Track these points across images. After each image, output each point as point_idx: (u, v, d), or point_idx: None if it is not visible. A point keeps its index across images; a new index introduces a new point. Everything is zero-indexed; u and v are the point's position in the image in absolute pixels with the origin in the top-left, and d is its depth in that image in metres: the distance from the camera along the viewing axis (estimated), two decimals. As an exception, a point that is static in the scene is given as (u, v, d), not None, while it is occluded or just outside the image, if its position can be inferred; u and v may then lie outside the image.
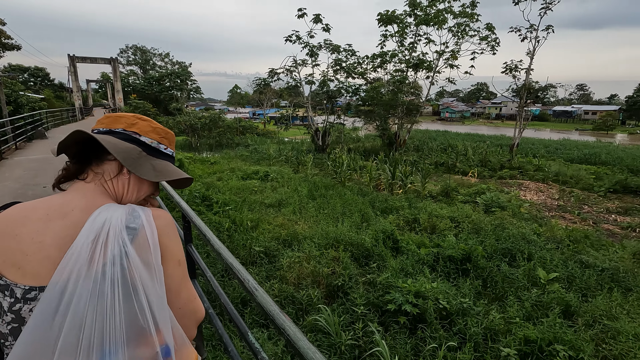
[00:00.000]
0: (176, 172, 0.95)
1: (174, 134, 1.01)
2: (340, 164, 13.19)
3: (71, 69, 18.41)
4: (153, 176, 0.89)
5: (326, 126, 19.47)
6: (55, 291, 0.69)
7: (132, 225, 0.78)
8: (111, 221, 0.77)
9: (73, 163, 0.90)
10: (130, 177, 0.90)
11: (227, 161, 17.83)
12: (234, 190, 11.14)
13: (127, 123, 0.91)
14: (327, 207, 9.45)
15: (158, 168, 0.92)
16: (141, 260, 0.76)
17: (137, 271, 0.75)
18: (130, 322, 0.73)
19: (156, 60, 49.96)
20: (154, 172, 0.90)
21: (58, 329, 0.68)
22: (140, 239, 0.78)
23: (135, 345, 0.73)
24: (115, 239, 0.75)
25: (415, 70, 21.26)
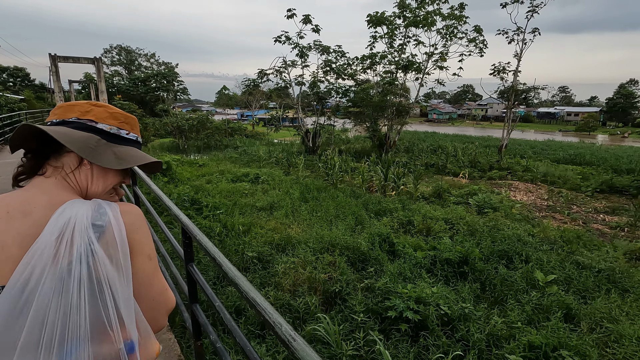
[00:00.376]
0: (141, 157, 0.91)
1: (135, 118, 0.95)
2: (332, 166, 13.05)
3: (52, 68, 17.76)
4: (116, 164, 0.85)
5: (316, 128, 19.32)
6: (16, 289, 0.68)
7: (98, 223, 0.77)
8: (76, 218, 0.75)
9: (29, 159, 0.86)
10: (92, 167, 0.87)
11: (216, 163, 17.50)
12: (224, 193, 10.88)
13: (80, 111, 0.86)
14: (320, 210, 9.29)
15: (121, 155, 0.87)
16: (108, 258, 0.76)
17: (104, 269, 0.74)
18: (94, 320, 0.72)
19: (141, 60, 49.00)
20: (116, 159, 0.86)
21: (19, 327, 0.67)
22: (107, 236, 0.77)
23: (99, 342, 0.73)
24: (81, 237, 0.73)
25: (404, 71, 21.33)
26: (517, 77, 17.37)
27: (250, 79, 19.30)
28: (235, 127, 28.24)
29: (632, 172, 17.34)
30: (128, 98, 30.32)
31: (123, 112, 0.93)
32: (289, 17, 18.00)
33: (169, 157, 16.40)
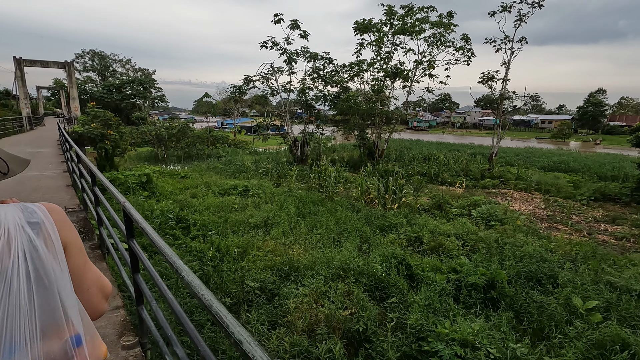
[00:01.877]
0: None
1: None
2: (327, 177, 12.38)
3: (18, 73, 16.26)
4: None
5: (305, 136, 18.64)
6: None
7: (33, 220, 0.78)
8: (7, 219, 0.75)
9: None
10: None
11: (199, 174, 16.47)
12: (212, 209, 9.98)
13: None
14: (320, 227, 8.57)
15: None
16: (49, 253, 0.77)
17: (48, 263, 0.75)
18: (43, 315, 0.73)
19: (116, 66, 46.95)
20: None
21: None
22: (44, 232, 0.78)
23: (49, 337, 0.73)
24: (19, 235, 0.74)
25: (392, 79, 21.07)
26: (506, 85, 17.41)
27: (236, 86, 18.45)
28: (218, 135, 27.12)
29: (617, 178, 17.61)
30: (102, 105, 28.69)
31: None
32: (276, 22, 17.37)
33: (148, 168, 15.26)
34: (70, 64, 18.26)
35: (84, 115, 15.66)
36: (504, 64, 17.65)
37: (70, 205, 5.63)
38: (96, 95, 36.88)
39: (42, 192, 6.48)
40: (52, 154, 11.53)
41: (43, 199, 5.77)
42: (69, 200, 6.01)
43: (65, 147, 10.17)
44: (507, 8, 16.78)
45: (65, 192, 6.66)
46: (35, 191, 6.52)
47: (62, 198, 6.09)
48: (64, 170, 8.57)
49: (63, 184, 7.31)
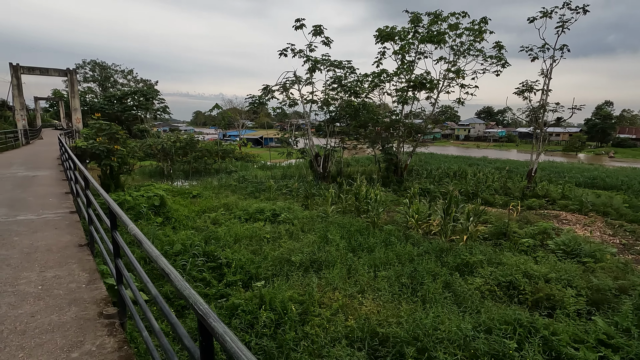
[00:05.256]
0: None
1: None
2: (366, 198, 10.80)
3: (14, 81, 14.71)
4: None
5: (328, 151, 17.10)
6: None
7: None
8: None
9: None
10: None
11: (212, 193, 14.84)
12: (243, 241, 8.34)
13: None
14: (383, 267, 6.95)
15: None
16: None
17: None
18: None
19: (118, 77, 45.62)
20: None
21: None
22: None
23: None
24: None
25: (416, 89, 19.71)
26: (547, 95, 16.08)
27: (256, 96, 16.98)
28: (227, 149, 25.53)
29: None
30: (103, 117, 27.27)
31: None
32: (297, 27, 16.03)
33: (157, 187, 13.61)
34: (73, 72, 16.79)
35: (87, 128, 14.07)
36: (543, 73, 16.38)
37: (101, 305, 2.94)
38: (96, 107, 35.39)
39: (39, 267, 3.60)
40: (52, 180, 9.35)
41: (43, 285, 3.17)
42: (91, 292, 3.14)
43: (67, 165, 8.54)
44: (547, 14, 15.58)
45: (79, 263, 3.70)
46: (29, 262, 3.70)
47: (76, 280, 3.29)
48: (71, 210, 6.12)
49: (72, 239, 4.52)
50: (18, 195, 7.13)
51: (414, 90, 19.62)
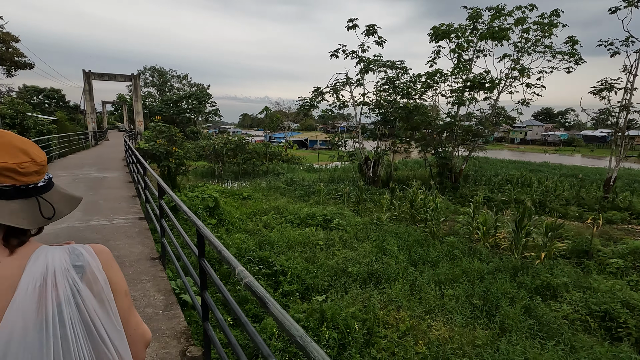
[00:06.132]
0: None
1: None
2: (424, 205, 10.13)
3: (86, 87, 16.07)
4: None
5: (378, 155, 16.53)
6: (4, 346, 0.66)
7: (78, 264, 0.77)
8: (54, 263, 0.75)
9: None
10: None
11: (262, 195, 14.91)
12: (297, 247, 8.12)
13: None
14: (449, 284, 6.34)
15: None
16: (94, 296, 0.76)
17: (92, 306, 0.74)
18: (95, 353, 0.73)
19: (174, 82, 48.41)
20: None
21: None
22: (89, 275, 0.77)
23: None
24: (64, 279, 0.73)
25: (473, 90, 18.47)
26: (630, 95, 14.22)
27: (306, 99, 16.93)
28: (275, 151, 25.82)
29: None
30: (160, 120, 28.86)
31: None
32: (349, 28, 15.70)
33: (211, 188, 13.94)
34: (137, 77, 17.92)
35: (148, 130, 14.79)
36: (625, 70, 14.50)
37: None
38: (155, 110, 37.68)
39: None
40: (119, 182, 9.82)
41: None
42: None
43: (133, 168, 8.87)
44: (633, 3, 13.77)
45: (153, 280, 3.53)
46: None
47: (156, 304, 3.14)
48: (139, 215, 6.14)
49: (144, 251, 4.40)
50: (91, 198, 7.45)
51: (471, 91, 18.44)
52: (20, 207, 0.74)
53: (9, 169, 0.72)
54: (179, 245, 3.45)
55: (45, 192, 0.79)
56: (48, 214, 0.77)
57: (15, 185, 0.74)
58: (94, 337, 0.74)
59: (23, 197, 0.75)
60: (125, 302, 0.86)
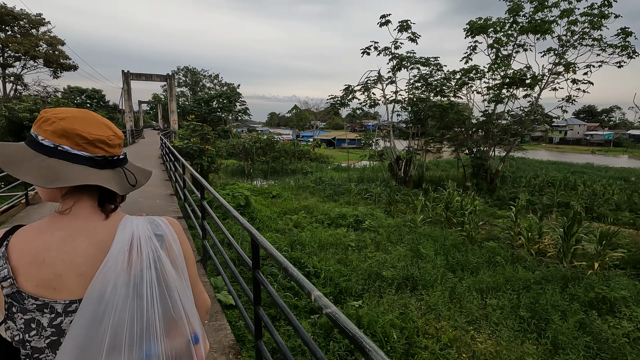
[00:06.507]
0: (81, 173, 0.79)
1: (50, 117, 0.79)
2: (461, 208, 9.69)
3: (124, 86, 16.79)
4: (35, 179, 0.76)
5: (410, 154, 16.06)
6: (93, 300, 0.73)
7: (158, 233, 0.85)
8: (138, 231, 0.82)
9: None
10: None
11: (291, 194, 14.88)
12: (328, 248, 7.97)
13: None
14: (492, 293, 5.95)
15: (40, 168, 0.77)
16: (170, 262, 0.83)
17: (169, 272, 0.81)
18: (166, 317, 0.79)
19: (206, 82, 49.69)
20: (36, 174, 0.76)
21: (103, 332, 0.72)
22: (167, 243, 0.85)
23: (173, 335, 0.80)
24: (147, 245, 0.81)
25: (516, 87, 17.53)
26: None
27: (337, 97, 16.74)
28: (304, 150, 25.83)
29: None
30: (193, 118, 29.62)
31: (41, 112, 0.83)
32: (382, 24, 15.34)
33: (242, 186, 14.06)
34: (172, 77, 18.45)
35: (182, 129, 15.16)
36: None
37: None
38: (187, 109, 38.78)
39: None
40: (157, 179, 9.86)
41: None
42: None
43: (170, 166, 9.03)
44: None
45: None
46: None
47: None
48: (178, 215, 6.23)
49: None
50: (131, 195, 7.64)
51: (509, 88, 17.54)
52: (111, 175, 0.84)
53: (101, 141, 0.81)
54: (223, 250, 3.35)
55: (125, 164, 0.89)
56: (132, 182, 0.87)
57: (105, 155, 0.83)
58: (166, 300, 0.80)
59: (111, 168, 0.85)
60: (193, 271, 0.94)
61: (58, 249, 0.77)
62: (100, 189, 0.83)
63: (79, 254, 0.78)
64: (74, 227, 0.80)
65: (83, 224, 0.81)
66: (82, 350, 0.72)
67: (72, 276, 0.76)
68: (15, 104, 17.93)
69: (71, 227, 0.80)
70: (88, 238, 0.80)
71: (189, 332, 0.83)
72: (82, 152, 0.80)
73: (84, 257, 0.78)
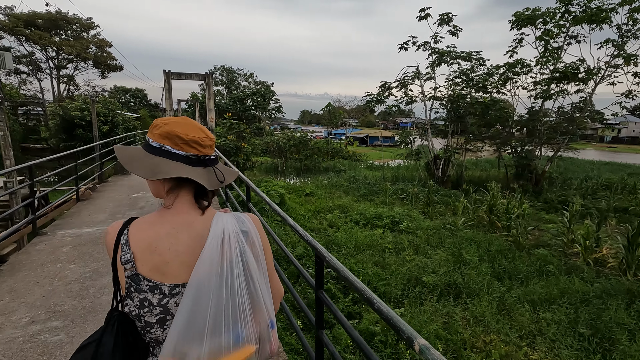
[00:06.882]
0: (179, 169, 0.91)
1: (158, 123, 0.95)
2: (507, 211, 9.11)
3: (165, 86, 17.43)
4: (143, 173, 0.90)
5: (449, 153, 15.38)
6: (194, 286, 0.83)
7: (244, 229, 0.94)
8: (228, 227, 0.91)
9: None
10: None
11: (325, 193, 14.76)
12: (365, 250, 7.75)
13: None
14: (545, 305, 5.49)
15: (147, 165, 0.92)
16: (253, 256, 0.93)
17: (252, 264, 0.91)
18: (252, 303, 0.89)
19: (241, 80, 50.69)
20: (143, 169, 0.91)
21: (204, 314, 0.83)
22: (251, 239, 0.94)
23: (256, 320, 0.90)
24: (235, 240, 0.90)
25: (562, 81, 16.31)
26: None
27: (374, 94, 16.36)
28: (337, 147, 25.64)
29: None
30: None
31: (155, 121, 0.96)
32: (421, 18, 14.76)
33: (276, 184, 14.13)
34: (210, 75, 18.88)
35: (219, 127, 15.47)
36: None
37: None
38: (223, 107, 39.77)
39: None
40: None
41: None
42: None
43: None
44: None
45: None
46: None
47: None
48: None
49: None
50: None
51: (559, 83, 16.33)
52: (203, 172, 0.93)
53: (195, 141, 0.92)
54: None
55: (215, 164, 0.99)
56: (220, 179, 0.95)
57: (198, 155, 0.93)
58: (251, 290, 0.89)
59: (203, 166, 0.94)
60: (271, 263, 1.02)
61: (166, 239, 0.89)
62: (195, 186, 0.94)
63: (182, 244, 0.89)
64: (177, 221, 0.92)
65: (184, 218, 0.93)
66: (188, 325, 0.82)
67: (176, 263, 0.88)
68: (68, 103, 19.16)
69: (175, 221, 0.92)
70: (188, 231, 0.91)
71: (267, 318, 0.93)
72: (179, 151, 0.92)
73: (185, 247, 0.89)
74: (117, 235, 0.91)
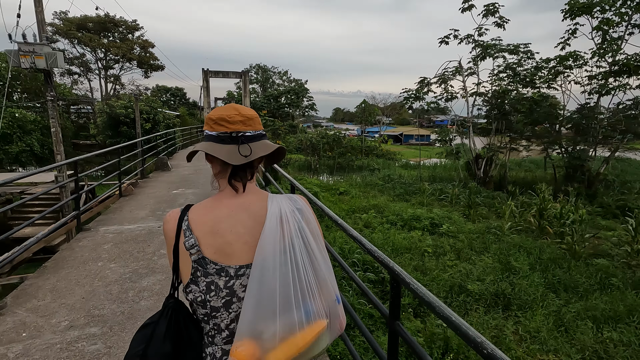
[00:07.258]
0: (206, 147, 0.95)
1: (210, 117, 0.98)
2: (561, 217, 8.39)
3: (204, 84, 17.92)
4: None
5: (492, 152, 14.52)
6: (261, 265, 0.85)
7: (298, 207, 0.96)
8: (283, 206, 0.93)
9: None
10: None
11: (359, 192, 14.46)
12: (403, 253, 7.42)
13: None
14: (609, 322, 4.92)
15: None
16: (310, 232, 0.93)
17: (310, 241, 0.92)
18: (317, 277, 0.90)
19: (275, 78, 51.30)
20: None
21: (273, 292, 0.84)
22: (305, 216, 0.95)
23: (323, 294, 0.90)
24: (292, 217, 0.92)
25: (622, 75, 14.87)
26: None
27: (412, 90, 15.78)
28: (372, 146, 25.15)
29: None
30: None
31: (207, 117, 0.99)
32: (464, 9, 14.01)
33: (310, 182, 14.04)
34: (246, 73, 19.17)
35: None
36: None
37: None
38: (258, 105, 40.39)
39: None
40: None
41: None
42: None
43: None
44: None
45: None
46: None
47: None
48: None
49: None
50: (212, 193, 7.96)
51: (618, 76, 14.90)
52: (230, 149, 0.93)
53: (222, 119, 0.94)
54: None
55: (253, 141, 0.95)
56: (245, 153, 0.92)
57: (226, 132, 0.94)
58: (315, 265, 0.91)
59: (235, 143, 0.93)
60: (322, 245, 0.99)
61: (226, 221, 0.91)
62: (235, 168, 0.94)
63: (242, 225, 0.91)
64: (233, 204, 0.94)
65: (240, 201, 0.94)
66: (260, 304, 0.83)
67: (239, 244, 0.90)
68: (114, 102, 20.19)
69: (231, 204, 0.94)
70: (246, 212, 0.93)
71: (332, 293, 0.92)
72: (211, 132, 0.95)
73: (245, 228, 0.91)
74: (178, 223, 0.93)
